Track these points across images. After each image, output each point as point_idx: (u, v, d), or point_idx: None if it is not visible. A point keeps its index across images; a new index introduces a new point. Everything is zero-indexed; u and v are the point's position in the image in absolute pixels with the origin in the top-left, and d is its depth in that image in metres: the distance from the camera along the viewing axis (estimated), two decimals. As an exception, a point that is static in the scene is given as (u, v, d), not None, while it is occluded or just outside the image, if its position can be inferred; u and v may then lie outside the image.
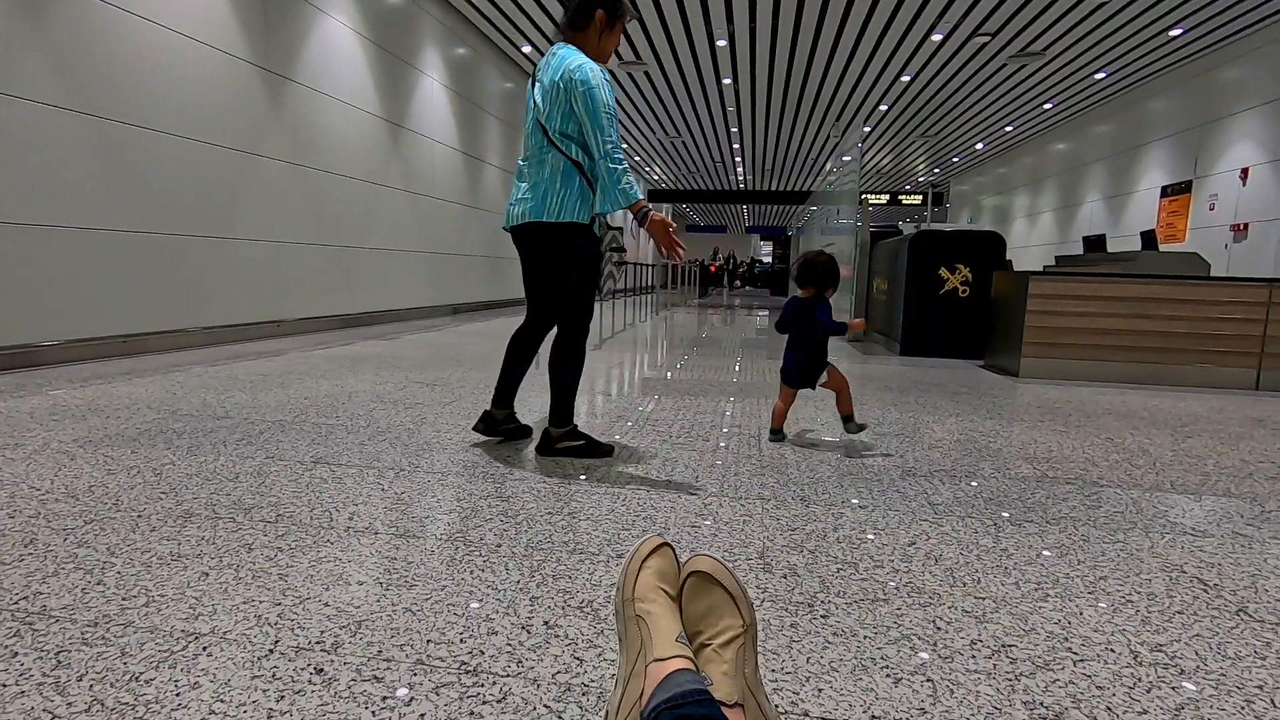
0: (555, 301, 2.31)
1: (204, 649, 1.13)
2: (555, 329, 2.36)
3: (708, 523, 1.79)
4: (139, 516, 1.69)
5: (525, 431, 2.57)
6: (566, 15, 2.31)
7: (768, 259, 31.55)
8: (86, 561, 1.43)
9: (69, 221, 3.97)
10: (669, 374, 4.35)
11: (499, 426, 2.48)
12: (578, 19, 2.28)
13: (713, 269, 24.77)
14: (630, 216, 2.36)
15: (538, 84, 2.25)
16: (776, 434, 2.73)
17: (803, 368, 2.70)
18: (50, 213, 3.87)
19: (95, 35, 4.09)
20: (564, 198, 2.19)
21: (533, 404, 3.25)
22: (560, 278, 2.28)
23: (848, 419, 2.70)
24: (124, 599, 1.28)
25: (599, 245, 2.32)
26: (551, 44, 2.23)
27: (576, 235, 2.23)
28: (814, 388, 2.75)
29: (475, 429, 2.46)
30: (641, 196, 2.19)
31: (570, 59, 2.16)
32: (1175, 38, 8.79)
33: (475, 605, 1.31)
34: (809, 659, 1.16)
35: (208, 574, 1.39)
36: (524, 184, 2.27)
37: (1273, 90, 8.16)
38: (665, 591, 0.97)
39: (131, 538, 1.56)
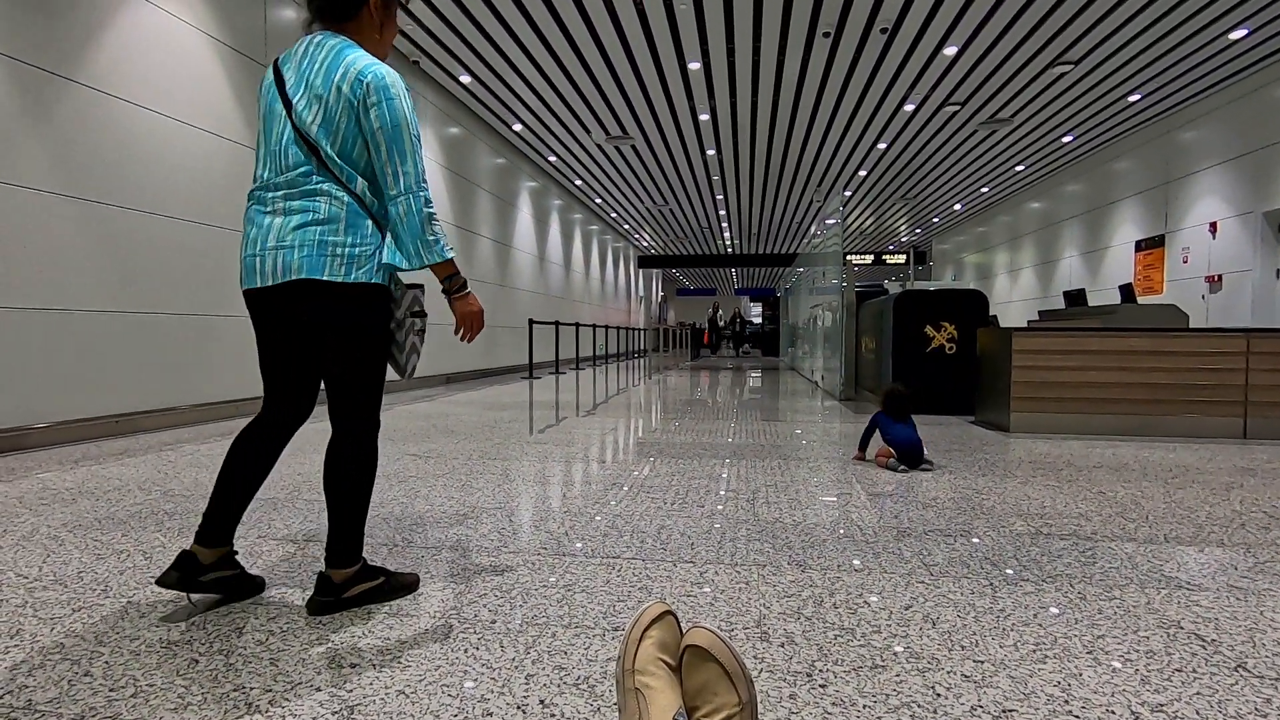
0: (343, 392, 1.63)
1: (193, 740, 1.10)
2: (333, 429, 1.66)
3: (705, 591, 1.77)
4: (128, 603, 1.67)
5: (251, 585, 1.71)
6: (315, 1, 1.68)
7: (758, 319, 31.96)
8: (74, 651, 1.41)
9: (59, 304, 4.03)
10: (663, 437, 4.36)
11: (204, 575, 1.59)
12: (341, 4, 1.65)
13: (706, 338, 24.26)
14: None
15: (294, 83, 1.60)
16: (896, 462, 3.38)
17: (914, 447, 3.39)
18: (41, 295, 3.93)
19: (94, 124, 4.26)
20: (353, 248, 1.56)
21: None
22: (348, 359, 1.62)
23: (927, 460, 3.45)
24: (111, 690, 1.26)
25: (393, 314, 1.70)
26: (307, 35, 1.67)
27: (374, 301, 1.61)
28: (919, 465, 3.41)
29: (164, 582, 1.55)
30: (453, 254, 1.65)
31: (353, 56, 1.58)
32: (1134, 103, 9.25)
33: (470, 685, 1.29)
34: (809, 731, 1.15)
35: (197, 660, 1.37)
36: (278, 221, 1.56)
37: (1231, 149, 8.55)
38: (666, 663, 0.97)
39: (120, 625, 1.54)
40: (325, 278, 1.54)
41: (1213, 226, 8.81)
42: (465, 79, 8.59)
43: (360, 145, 1.59)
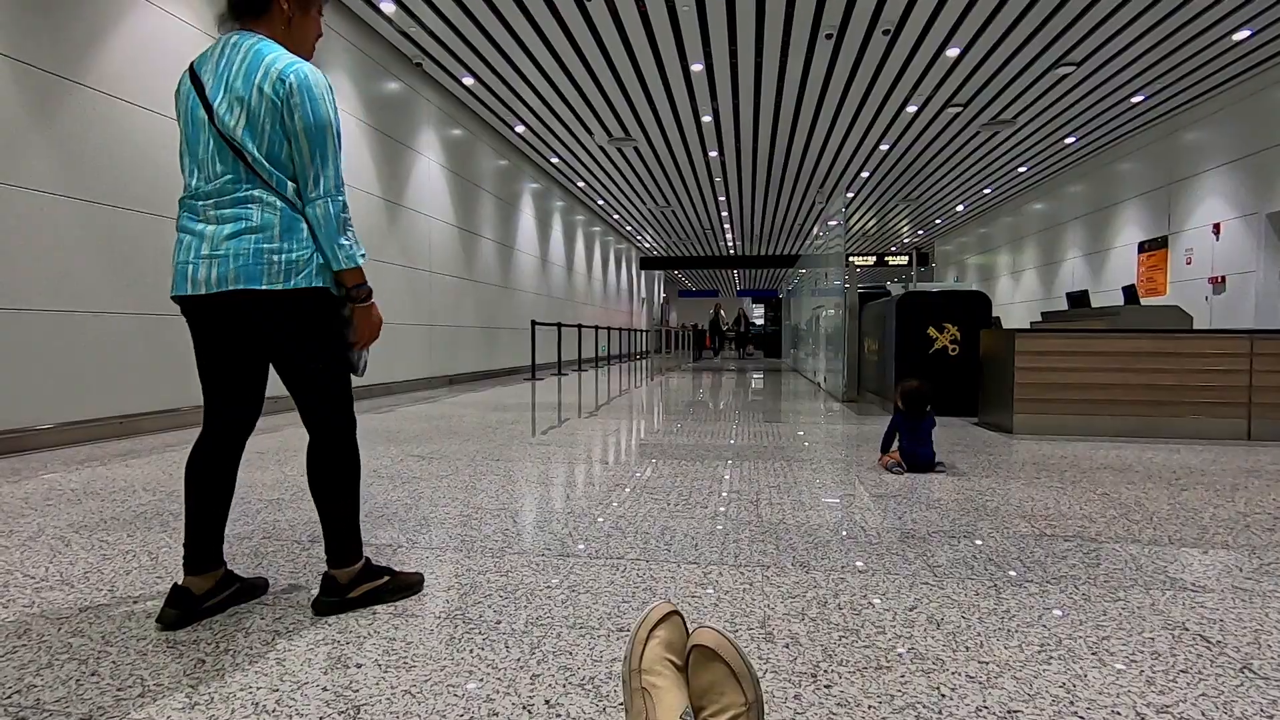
0: (307, 398, 1.62)
1: (200, 740, 1.11)
2: (308, 434, 1.65)
3: (709, 592, 1.78)
4: (134, 602, 1.67)
5: (256, 587, 1.73)
6: None
7: (760, 320, 31.94)
8: (81, 651, 1.41)
9: (63, 305, 4.05)
10: (666, 439, 4.36)
11: (203, 604, 1.58)
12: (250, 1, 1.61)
13: (707, 341, 24.28)
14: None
15: (213, 87, 1.54)
16: (900, 466, 3.38)
17: (925, 463, 3.38)
18: (45, 297, 3.95)
19: (97, 126, 4.28)
20: (290, 254, 1.52)
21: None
22: (301, 366, 1.59)
23: (939, 463, 3.44)
24: (119, 689, 1.26)
25: (340, 313, 1.65)
26: (222, 35, 1.63)
27: (316, 306, 1.57)
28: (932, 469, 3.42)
29: (163, 621, 1.53)
30: (365, 260, 1.61)
31: (273, 55, 1.53)
32: (1137, 104, 9.24)
33: (474, 685, 1.29)
34: (814, 732, 1.15)
35: (204, 660, 1.38)
36: (210, 230, 1.53)
37: (1234, 150, 8.54)
38: (672, 663, 0.97)
39: (127, 625, 1.54)
40: (264, 287, 1.51)
41: (1216, 228, 8.79)
42: (468, 81, 8.61)
43: (287, 148, 1.54)
